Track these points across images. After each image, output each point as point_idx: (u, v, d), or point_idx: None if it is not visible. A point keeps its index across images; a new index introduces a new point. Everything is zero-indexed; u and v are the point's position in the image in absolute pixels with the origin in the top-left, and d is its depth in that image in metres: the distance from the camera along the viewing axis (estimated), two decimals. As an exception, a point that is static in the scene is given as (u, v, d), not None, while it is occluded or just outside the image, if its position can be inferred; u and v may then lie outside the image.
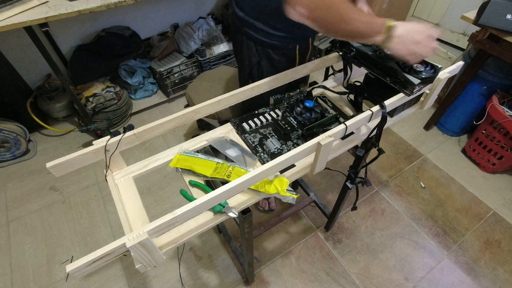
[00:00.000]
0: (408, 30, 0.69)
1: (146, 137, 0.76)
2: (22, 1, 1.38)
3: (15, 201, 1.71)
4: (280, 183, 0.72)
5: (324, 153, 0.72)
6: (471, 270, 1.45)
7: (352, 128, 0.77)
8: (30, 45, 1.47)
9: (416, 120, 2.15)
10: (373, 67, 0.88)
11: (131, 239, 0.52)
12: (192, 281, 1.41)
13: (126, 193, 0.74)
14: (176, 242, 0.67)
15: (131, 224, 0.67)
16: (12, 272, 1.44)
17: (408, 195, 1.73)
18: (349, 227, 1.59)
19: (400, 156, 1.94)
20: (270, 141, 0.88)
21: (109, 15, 2.06)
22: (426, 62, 0.84)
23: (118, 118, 2.08)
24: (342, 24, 0.70)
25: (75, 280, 1.41)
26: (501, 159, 1.73)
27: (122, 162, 0.78)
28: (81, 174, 1.83)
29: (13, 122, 1.85)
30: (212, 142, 0.85)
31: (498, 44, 1.48)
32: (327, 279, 1.41)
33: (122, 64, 2.12)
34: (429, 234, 1.57)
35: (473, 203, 1.69)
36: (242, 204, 0.74)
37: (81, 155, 0.67)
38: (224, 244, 1.53)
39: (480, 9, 1.44)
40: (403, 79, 0.80)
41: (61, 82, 1.68)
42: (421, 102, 0.99)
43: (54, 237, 1.56)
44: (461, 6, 2.44)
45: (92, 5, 1.40)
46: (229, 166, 0.77)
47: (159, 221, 0.55)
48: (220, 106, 0.85)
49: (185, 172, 0.78)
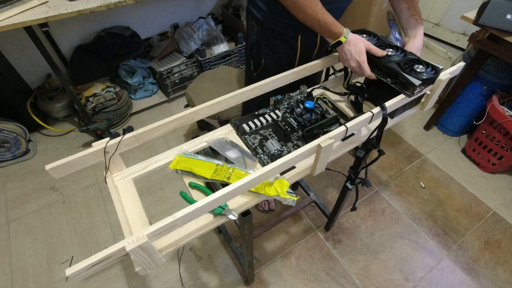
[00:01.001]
0: (353, 50, 0.84)
1: (146, 139, 0.76)
2: (22, 1, 1.37)
3: (15, 201, 1.71)
4: (280, 185, 0.72)
5: (324, 155, 0.72)
6: (471, 270, 1.45)
7: (353, 130, 0.77)
8: (30, 45, 1.47)
9: (416, 120, 2.15)
10: (374, 67, 0.88)
11: (130, 243, 0.52)
12: (192, 281, 1.41)
13: (126, 194, 0.74)
14: (176, 244, 0.66)
15: (131, 226, 0.67)
16: (12, 272, 1.45)
17: (408, 195, 1.73)
18: (349, 227, 1.60)
19: (400, 156, 1.94)
20: (270, 142, 0.87)
21: (109, 15, 2.06)
22: (427, 63, 0.84)
23: (118, 118, 2.08)
24: (299, 13, 0.83)
25: (75, 280, 1.41)
26: (501, 159, 1.73)
27: (121, 164, 0.78)
28: (81, 174, 1.83)
29: (13, 122, 1.85)
30: (212, 143, 0.85)
31: (498, 44, 1.48)
32: (327, 279, 1.42)
33: (122, 64, 2.12)
34: (429, 234, 1.57)
35: (473, 203, 1.70)
36: (242, 206, 0.74)
37: (80, 157, 0.67)
38: (224, 244, 1.53)
39: (480, 9, 1.44)
40: (403, 80, 0.80)
41: (61, 82, 1.67)
42: (422, 103, 0.99)
43: (54, 237, 1.56)
44: (461, 6, 2.44)
45: (92, 5, 1.39)
46: (229, 168, 0.77)
47: (159, 224, 0.55)
48: (220, 107, 0.85)
49: (185, 173, 0.78)
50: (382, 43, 0.91)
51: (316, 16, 0.82)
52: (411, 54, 0.87)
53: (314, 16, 0.82)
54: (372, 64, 0.88)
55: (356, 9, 2.55)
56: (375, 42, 0.92)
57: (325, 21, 0.82)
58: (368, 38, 0.93)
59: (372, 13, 2.44)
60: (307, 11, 0.81)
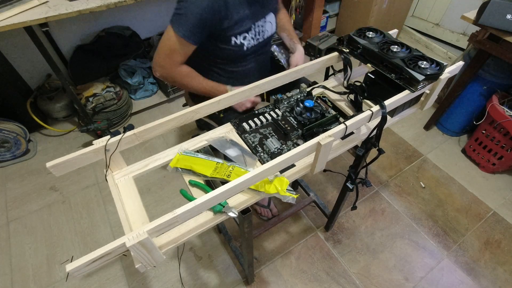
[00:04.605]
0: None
1: (146, 137, 0.76)
2: (22, 1, 1.38)
3: (15, 201, 1.71)
4: (280, 183, 0.72)
5: (324, 153, 0.72)
6: (471, 270, 1.45)
7: (352, 128, 0.77)
8: (30, 45, 1.47)
9: (416, 120, 2.15)
10: (379, 63, 0.89)
11: (131, 239, 0.52)
12: (192, 281, 1.41)
13: (126, 192, 0.74)
14: (176, 241, 0.67)
15: (131, 223, 0.67)
16: (12, 272, 1.44)
17: (408, 195, 1.73)
18: (349, 227, 1.59)
19: (400, 156, 1.94)
20: (270, 141, 0.88)
21: (109, 15, 2.06)
22: (431, 59, 0.85)
23: (118, 118, 2.08)
24: (189, 89, 1.13)
25: (75, 280, 1.41)
26: (501, 159, 1.73)
27: (122, 162, 0.78)
28: (81, 174, 1.83)
29: (13, 122, 1.85)
30: (212, 142, 0.85)
31: (498, 44, 1.48)
32: (327, 279, 1.41)
33: (122, 64, 2.12)
34: (429, 234, 1.57)
35: (473, 203, 1.69)
36: (242, 204, 0.74)
37: (81, 154, 0.67)
38: (224, 244, 1.53)
39: (480, 9, 1.44)
40: (407, 75, 0.81)
41: (61, 82, 1.68)
42: (421, 102, 0.99)
43: (54, 237, 1.56)
44: (461, 6, 2.45)
45: (92, 5, 1.40)
46: (229, 166, 0.77)
47: (159, 221, 0.55)
48: (220, 106, 0.85)
49: (185, 172, 0.78)
50: (388, 40, 0.92)
51: (201, 86, 1.06)
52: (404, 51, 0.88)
53: (199, 87, 1.06)
54: (377, 60, 0.89)
55: (356, 9, 2.56)
56: (380, 39, 0.93)
57: (209, 87, 1.06)
58: (375, 35, 0.95)
59: (372, 13, 2.45)
60: (193, 85, 1.06)
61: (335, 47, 1.01)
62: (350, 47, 0.97)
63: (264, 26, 1.08)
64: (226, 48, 1.03)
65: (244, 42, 1.04)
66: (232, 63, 1.11)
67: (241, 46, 1.04)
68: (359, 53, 0.94)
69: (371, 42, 0.92)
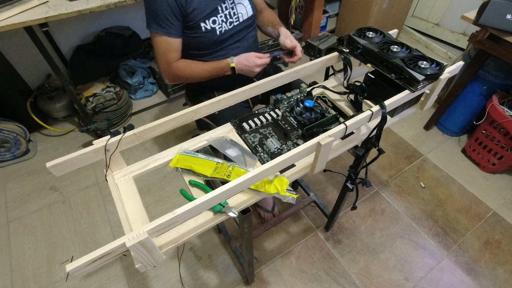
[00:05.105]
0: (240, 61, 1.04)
1: (146, 137, 0.76)
2: (22, 1, 1.38)
3: (15, 201, 1.71)
4: (280, 183, 0.72)
5: (324, 153, 0.72)
6: (471, 270, 1.45)
7: (352, 128, 0.77)
8: (30, 45, 1.47)
9: (416, 120, 2.15)
10: (379, 63, 0.89)
11: (131, 239, 0.52)
12: (192, 281, 1.41)
13: (126, 192, 0.74)
14: (176, 241, 0.67)
15: (131, 223, 0.67)
16: (12, 272, 1.44)
17: (408, 195, 1.73)
18: (349, 227, 1.59)
19: (400, 156, 1.94)
20: (270, 141, 0.88)
21: (109, 15, 2.06)
22: (432, 59, 0.85)
23: (118, 118, 2.08)
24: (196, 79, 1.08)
25: (75, 280, 1.41)
26: (501, 159, 1.73)
27: (122, 162, 0.78)
28: (81, 174, 1.83)
29: (13, 122, 1.85)
30: (212, 142, 0.85)
31: (498, 44, 1.48)
32: (327, 279, 1.41)
33: (122, 64, 2.12)
34: (429, 234, 1.57)
35: (473, 203, 1.69)
36: (242, 204, 0.74)
37: (81, 154, 0.67)
38: (224, 244, 1.53)
39: (480, 9, 1.44)
40: (407, 75, 0.81)
41: (61, 82, 1.68)
42: (421, 102, 0.99)
43: (54, 237, 1.56)
44: (461, 6, 2.45)
45: (92, 5, 1.40)
46: (229, 166, 0.77)
47: (159, 221, 0.55)
48: (220, 106, 0.85)
49: (185, 172, 0.78)
50: (388, 40, 0.92)
51: (204, 70, 1.05)
52: (408, 50, 0.88)
53: (202, 72, 1.06)
54: (377, 60, 0.89)
55: (356, 9, 2.56)
56: (380, 39, 0.93)
57: (210, 67, 1.05)
58: (375, 35, 0.95)
59: (372, 13, 2.45)
60: (197, 73, 1.06)
61: (335, 47, 1.01)
62: (350, 47, 0.98)
63: (235, 8, 1.06)
64: (198, 36, 1.03)
65: (215, 26, 1.03)
66: (209, 52, 1.09)
67: (212, 31, 1.03)
68: (359, 53, 0.94)
69: (371, 42, 0.92)
